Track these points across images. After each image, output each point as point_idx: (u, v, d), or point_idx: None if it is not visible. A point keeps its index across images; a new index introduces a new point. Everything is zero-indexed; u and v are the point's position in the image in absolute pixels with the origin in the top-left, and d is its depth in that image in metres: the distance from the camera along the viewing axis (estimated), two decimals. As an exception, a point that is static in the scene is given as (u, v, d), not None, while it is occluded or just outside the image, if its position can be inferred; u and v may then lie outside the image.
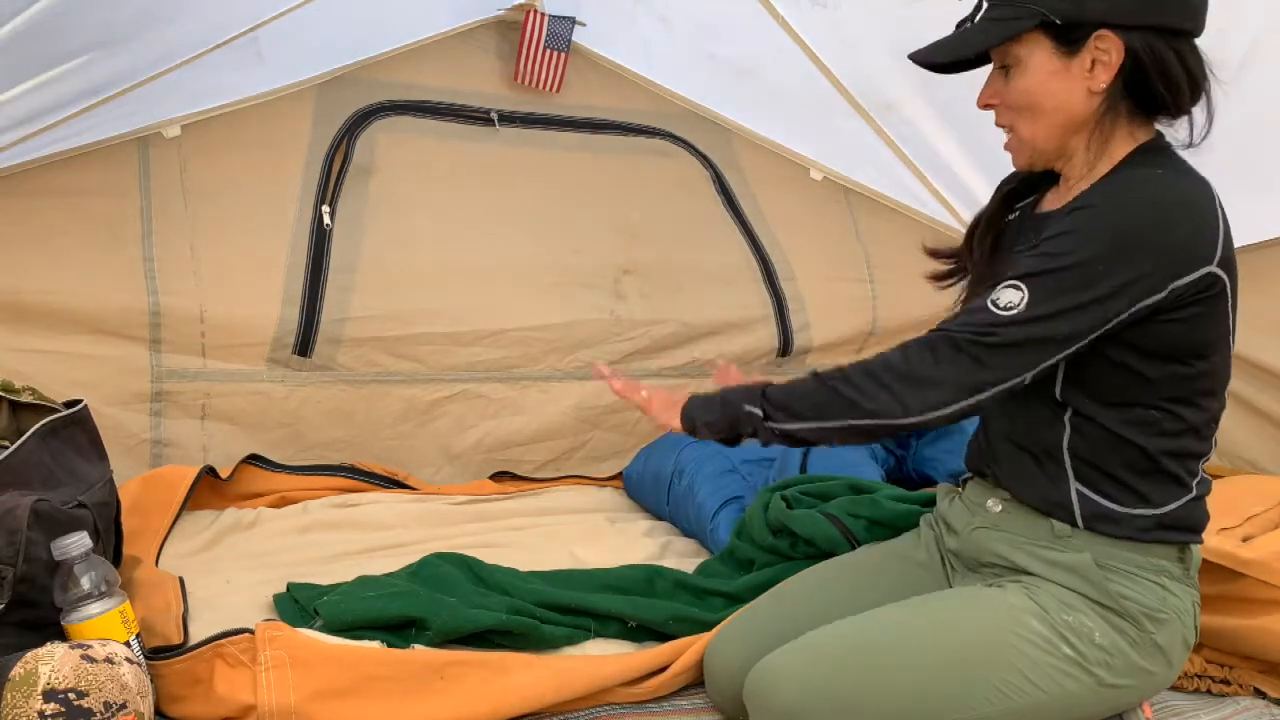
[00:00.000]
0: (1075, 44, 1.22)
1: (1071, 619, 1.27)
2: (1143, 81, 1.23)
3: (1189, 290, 1.18)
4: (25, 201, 2.06)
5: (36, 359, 1.99)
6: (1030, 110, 1.27)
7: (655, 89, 2.73)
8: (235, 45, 2.15)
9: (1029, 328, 1.18)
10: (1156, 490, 1.28)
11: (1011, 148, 1.33)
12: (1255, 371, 2.43)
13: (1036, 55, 1.24)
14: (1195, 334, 1.23)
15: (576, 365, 2.49)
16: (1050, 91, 1.25)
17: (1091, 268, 1.16)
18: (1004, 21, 1.24)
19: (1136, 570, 1.29)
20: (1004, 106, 1.30)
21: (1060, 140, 1.29)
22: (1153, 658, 1.29)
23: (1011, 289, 1.19)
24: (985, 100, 1.32)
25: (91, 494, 1.53)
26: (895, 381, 1.22)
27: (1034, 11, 1.22)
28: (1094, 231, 1.18)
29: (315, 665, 1.36)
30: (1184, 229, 1.18)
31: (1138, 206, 1.18)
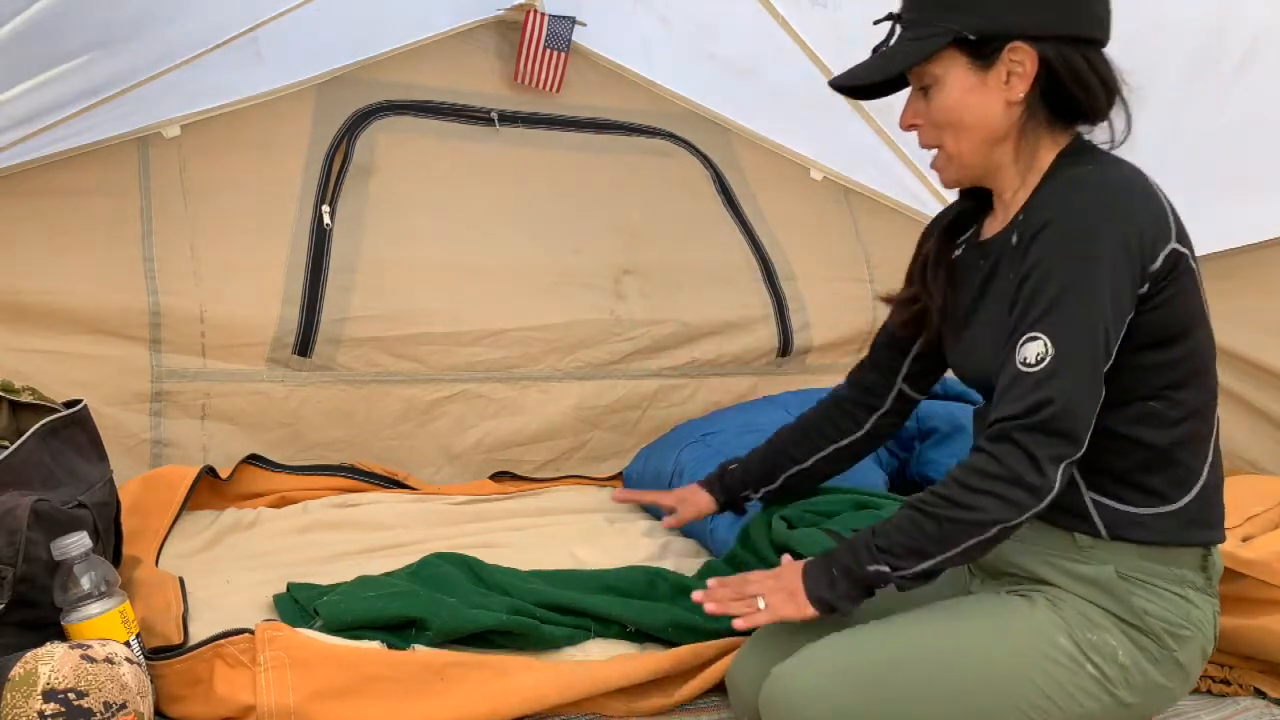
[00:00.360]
0: (990, 58, 1.25)
1: (1095, 637, 1.25)
2: (1058, 89, 1.26)
3: (1161, 273, 1.20)
4: (25, 201, 2.06)
5: (36, 359, 1.99)
6: (953, 126, 1.30)
7: (655, 89, 2.73)
8: (235, 45, 2.15)
9: (1068, 363, 1.17)
10: (1172, 484, 1.27)
11: (939, 166, 1.35)
12: (1255, 371, 2.43)
13: (953, 72, 1.27)
14: (1175, 315, 1.23)
15: (577, 365, 2.49)
16: (970, 106, 1.28)
17: (1082, 281, 1.17)
18: (919, 41, 1.27)
19: (1159, 583, 1.27)
20: (927, 125, 1.32)
21: (985, 153, 1.31)
22: (1172, 675, 1.27)
23: (1031, 342, 1.18)
24: (907, 121, 1.34)
25: (91, 494, 1.53)
26: (998, 486, 1.19)
27: (947, 29, 1.25)
28: (1063, 248, 1.19)
29: (315, 666, 1.36)
30: (1139, 214, 1.21)
31: (1089, 207, 1.20)
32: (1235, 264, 2.43)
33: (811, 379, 2.71)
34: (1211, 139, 2.21)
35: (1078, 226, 1.19)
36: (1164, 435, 1.25)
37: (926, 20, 1.27)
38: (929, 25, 1.26)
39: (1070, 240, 1.18)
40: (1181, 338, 1.24)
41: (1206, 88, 2.14)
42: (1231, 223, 2.38)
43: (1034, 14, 1.23)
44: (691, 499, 1.76)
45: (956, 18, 1.24)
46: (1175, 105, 2.20)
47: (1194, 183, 2.30)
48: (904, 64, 1.28)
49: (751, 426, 2.36)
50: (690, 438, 2.35)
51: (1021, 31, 1.23)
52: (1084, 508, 1.28)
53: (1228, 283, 2.46)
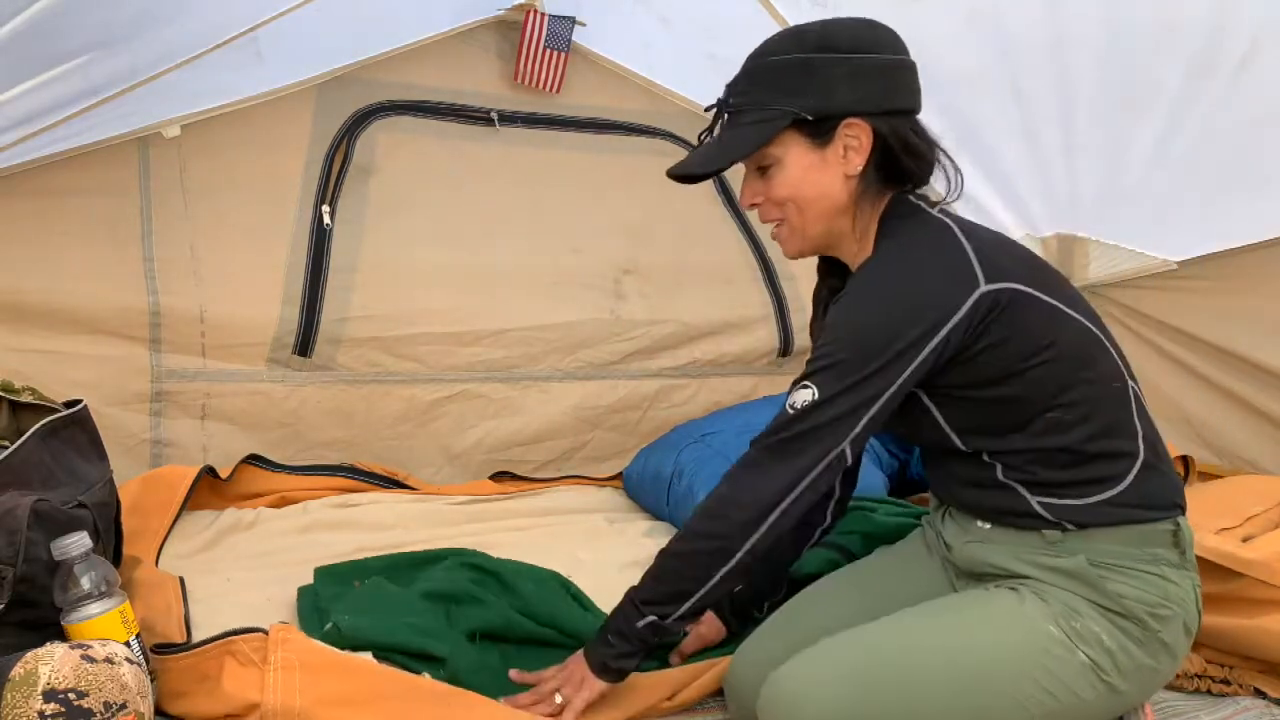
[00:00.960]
0: (826, 135, 1.30)
1: (1079, 625, 1.28)
2: (891, 159, 1.32)
3: (973, 321, 1.24)
4: (25, 201, 2.06)
5: (36, 359, 1.99)
6: (795, 203, 1.34)
7: (655, 89, 2.73)
8: (235, 45, 2.14)
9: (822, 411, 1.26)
10: (1106, 471, 1.30)
11: (782, 238, 1.39)
12: (1255, 371, 2.43)
13: (793, 151, 1.31)
14: (1025, 338, 1.27)
15: (577, 365, 2.49)
16: (811, 182, 1.32)
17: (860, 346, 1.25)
18: (759, 125, 1.30)
19: (1134, 565, 1.29)
20: (768, 203, 1.37)
21: (826, 225, 1.36)
22: (1158, 654, 1.30)
23: (802, 389, 1.27)
24: (748, 201, 1.39)
25: (91, 494, 1.53)
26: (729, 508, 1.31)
27: (785, 112, 1.29)
28: (851, 317, 1.27)
29: (324, 672, 1.36)
30: (929, 277, 1.26)
31: (885, 277, 1.28)
32: (1235, 264, 2.43)
33: (812, 379, 2.70)
34: (1212, 139, 2.21)
35: (868, 295, 1.28)
36: (1076, 434, 1.29)
37: (762, 104, 1.30)
38: (765, 109, 1.30)
39: (858, 307, 1.27)
40: (1043, 350, 1.28)
41: (1207, 87, 2.14)
42: (1232, 223, 2.38)
43: (863, 92, 1.28)
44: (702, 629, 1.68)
45: (793, 100, 1.28)
46: (1175, 105, 2.20)
47: (1194, 183, 2.32)
48: (749, 149, 1.32)
49: (752, 426, 2.34)
50: (690, 438, 2.35)
51: (855, 109, 1.29)
52: (1035, 510, 1.31)
53: (1228, 283, 2.47)
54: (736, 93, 1.33)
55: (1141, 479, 1.31)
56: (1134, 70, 2.17)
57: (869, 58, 1.29)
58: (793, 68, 1.29)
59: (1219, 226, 2.40)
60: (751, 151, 1.32)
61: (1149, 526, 1.30)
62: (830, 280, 1.49)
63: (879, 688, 1.25)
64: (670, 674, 1.52)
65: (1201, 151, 2.24)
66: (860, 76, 1.28)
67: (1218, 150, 2.23)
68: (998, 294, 1.25)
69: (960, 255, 1.27)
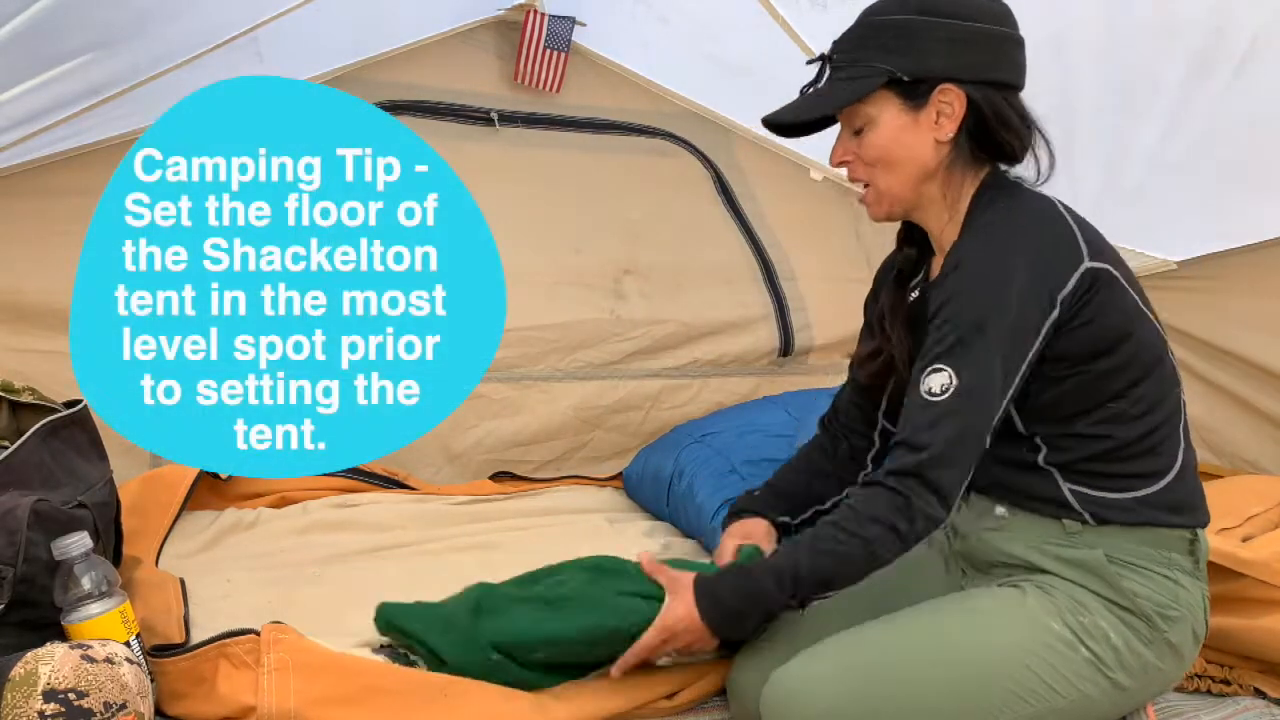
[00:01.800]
0: (920, 99, 1.31)
1: (1087, 620, 1.28)
2: (983, 130, 1.32)
3: (1077, 294, 1.25)
4: (25, 201, 2.06)
5: (36, 359, 1.99)
6: (885, 164, 1.35)
7: (655, 89, 2.73)
8: (235, 45, 2.14)
9: (969, 396, 1.23)
10: (1147, 470, 1.31)
11: (869, 200, 1.41)
12: (1255, 371, 2.43)
13: (886, 111, 1.32)
14: (1109, 324, 1.28)
15: (577, 365, 2.49)
16: (902, 144, 1.33)
17: (987, 319, 1.23)
18: (854, 81, 1.32)
19: (1149, 565, 1.29)
20: (858, 163, 1.38)
21: (915, 189, 1.36)
22: (1165, 656, 1.30)
23: (935, 374, 1.25)
24: (839, 158, 1.40)
25: (91, 494, 1.53)
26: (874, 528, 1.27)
27: (881, 70, 1.30)
28: (970, 285, 1.25)
29: (318, 671, 1.36)
30: (1043, 246, 1.26)
31: (996, 245, 1.26)
32: (1235, 264, 2.43)
33: (813, 379, 2.71)
34: (1211, 139, 2.21)
35: (981, 268, 1.25)
36: (1133, 429, 1.30)
37: (860, 62, 1.31)
38: (863, 67, 1.31)
39: (975, 280, 1.25)
40: (1123, 340, 1.29)
41: (1207, 88, 2.14)
42: (1232, 223, 2.38)
43: (962, 59, 1.29)
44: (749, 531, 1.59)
45: (891, 60, 1.29)
46: (1175, 105, 2.20)
47: (1194, 183, 2.31)
48: (841, 103, 1.33)
49: (752, 427, 2.37)
50: (690, 438, 2.35)
51: (951, 74, 1.29)
52: (1064, 498, 1.31)
53: (1228, 283, 2.46)
54: (841, 49, 1.34)
55: (1174, 485, 1.32)
56: (1134, 70, 2.17)
57: (970, 25, 1.29)
58: (893, 28, 1.30)
59: (1219, 226, 2.40)
60: (843, 106, 1.33)
61: (1168, 531, 1.31)
62: (907, 249, 1.49)
63: (880, 685, 1.25)
64: (672, 673, 1.52)
65: (1201, 151, 2.24)
66: (959, 43, 1.29)
67: (1218, 150, 2.22)
68: (1097, 272, 1.26)
69: (1065, 228, 1.28)
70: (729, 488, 2.12)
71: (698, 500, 2.11)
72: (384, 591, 1.74)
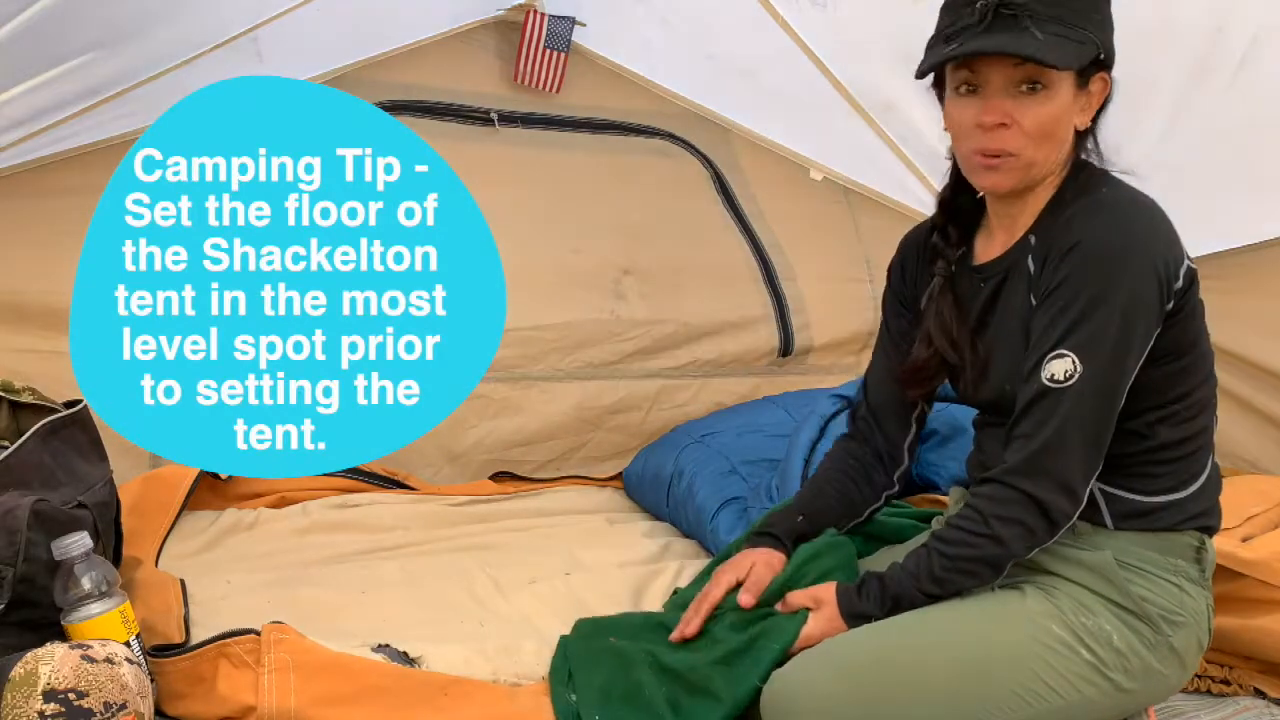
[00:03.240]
0: (1088, 80, 1.26)
1: (1090, 622, 1.27)
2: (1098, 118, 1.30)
3: (1182, 290, 1.23)
4: (25, 201, 2.06)
5: (36, 359, 1.99)
6: (1047, 137, 1.26)
7: (655, 89, 2.73)
8: (235, 45, 2.14)
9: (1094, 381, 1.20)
10: (1184, 474, 1.30)
11: (1007, 167, 1.27)
12: (1255, 371, 2.43)
13: (1066, 84, 1.24)
14: (1192, 326, 1.27)
15: (577, 365, 2.49)
16: (1066, 121, 1.27)
17: (1110, 303, 1.19)
18: (1075, 45, 1.21)
19: (1155, 570, 1.29)
20: (1015, 129, 1.25)
21: (1050, 167, 1.30)
22: (1168, 661, 1.29)
23: (1058, 359, 1.21)
24: (998, 119, 1.25)
25: (91, 494, 1.53)
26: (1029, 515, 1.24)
27: (1094, 42, 1.23)
28: (1092, 268, 1.20)
29: (318, 671, 1.36)
30: (1161, 236, 1.24)
31: (1115, 230, 1.22)
32: (1235, 264, 2.43)
33: (813, 379, 2.70)
34: (1212, 139, 2.21)
35: (1106, 248, 1.20)
36: (1181, 431, 1.29)
37: (1076, 25, 1.22)
38: (1078, 31, 1.22)
39: (1099, 261, 1.20)
40: (1196, 344, 1.28)
41: (1207, 88, 2.14)
42: (1232, 223, 2.37)
43: (1112, 44, 1.27)
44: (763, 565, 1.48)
45: (1098, 35, 1.24)
46: (1175, 105, 2.20)
47: (1194, 183, 2.31)
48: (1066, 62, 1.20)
49: (752, 427, 2.37)
50: (690, 439, 2.35)
51: (1111, 59, 1.27)
52: (1093, 498, 1.29)
53: (1227, 283, 2.46)
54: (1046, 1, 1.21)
55: (1199, 493, 1.31)
56: (1134, 71, 2.17)
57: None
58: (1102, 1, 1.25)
59: (1219, 226, 2.40)
60: (1067, 67, 1.21)
61: (1177, 536, 1.30)
62: (948, 248, 1.41)
63: (879, 686, 1.25)
64: None
65: (1201, 151, 2.24)
66: (1112, 27, 1.26)
67: (1218, 150, 2.22)
68: (1194, 271, 1.25)
69: (1169, 223, 1.26)
70: (729, 488, 2.12)
71: (697, 500, 2.11)
72: (384, 592, 1.75)
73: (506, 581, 1.80)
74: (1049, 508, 1.23)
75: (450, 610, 1.69)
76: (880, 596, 1.31)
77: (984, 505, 1.26)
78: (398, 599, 1.72)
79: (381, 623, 1.59)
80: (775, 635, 1.34)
